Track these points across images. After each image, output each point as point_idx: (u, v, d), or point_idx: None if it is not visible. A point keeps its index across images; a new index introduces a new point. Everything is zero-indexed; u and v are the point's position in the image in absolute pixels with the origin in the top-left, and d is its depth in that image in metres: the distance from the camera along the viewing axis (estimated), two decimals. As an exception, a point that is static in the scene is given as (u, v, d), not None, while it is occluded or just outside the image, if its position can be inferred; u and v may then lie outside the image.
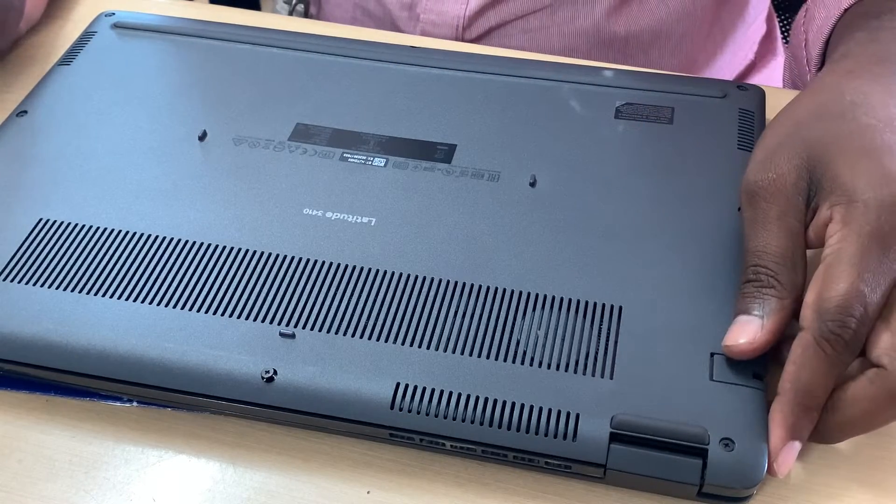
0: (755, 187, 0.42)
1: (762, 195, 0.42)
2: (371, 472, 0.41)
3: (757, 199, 0.42)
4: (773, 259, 0.41)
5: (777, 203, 0.41)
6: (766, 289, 0.40)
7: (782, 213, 0.41)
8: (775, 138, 0.43)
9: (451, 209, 0.48)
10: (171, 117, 0.53)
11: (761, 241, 0.41)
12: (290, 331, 0.42)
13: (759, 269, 0.41)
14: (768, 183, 0.42)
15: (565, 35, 0.69)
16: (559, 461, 0.39)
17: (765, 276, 0.41)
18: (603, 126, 0.52)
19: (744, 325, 0.40)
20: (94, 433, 0.43)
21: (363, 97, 0.54)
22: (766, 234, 0.41)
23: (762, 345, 0.40)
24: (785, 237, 0.41)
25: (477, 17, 0.69)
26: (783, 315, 0.40)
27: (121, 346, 0.42)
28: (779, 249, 0.41)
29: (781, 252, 0.41)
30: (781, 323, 0.40)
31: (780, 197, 0.41)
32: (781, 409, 0.39)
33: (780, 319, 0.40)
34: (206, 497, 0.40)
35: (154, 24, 0.60)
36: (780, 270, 0.40)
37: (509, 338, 0.42)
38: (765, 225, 0.41)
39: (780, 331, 0.40)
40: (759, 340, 0.40)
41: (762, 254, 0.41)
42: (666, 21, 0.69)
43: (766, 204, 0.42)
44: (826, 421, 0.39)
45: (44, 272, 0.45)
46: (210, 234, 0.47)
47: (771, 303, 0.40)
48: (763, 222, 0.41)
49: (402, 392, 0.40)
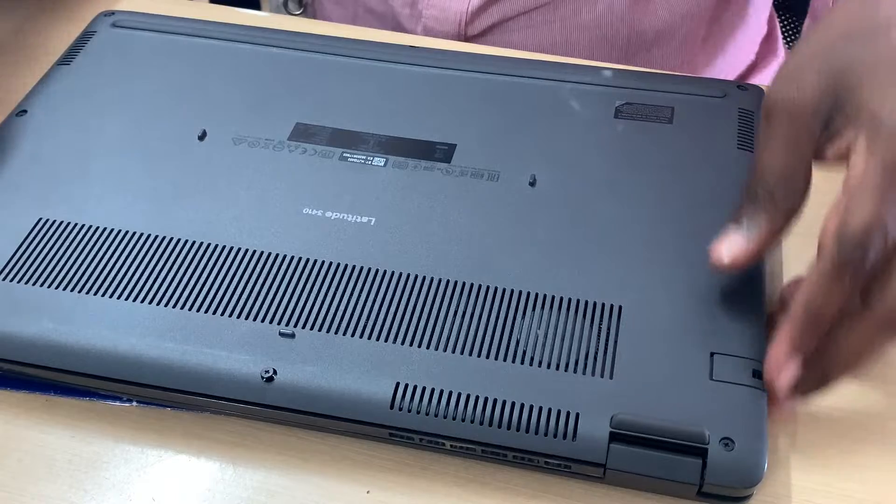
0: (774, 104, 0.42)
1: (779, 114, 0.41)
2: (371, 471, 0.41)
3: (773, 117, 0.42)
4: (773, 179, 0.41)
5: (792, 125, 0.41)
6: (761, 207, 0.41)
7: (795, 136, 0.41)
8: (803, 56, 0.42)
9: (450, 209, 0.48)
10: (171, 117, 0.53)
11: (767, 160, 0.41)
12: (289, 330, 0.42)
13: (758, 186, 0.41)
14: (788, 103, 0.41)
15: (568, 31, 0.69)
16: (559, 461, 0.39)
17: (762, 193, 0.41)
18: (603, 126, 0.52)
19: (730, 239, 0.42)
20: (94, 433, 0.43)
21: (363, 97, 0.54)
22: (774, 153, 0.41)
23: (743, 260, 0.42)
24: (792, 160, 0.41)
25: (479, 12, 0.69)
26: (771, 235, 0.41)
27: (121, 345, 0.42)
28: (782, 171, 0.41)
29: (784, 174, 0.41)
30: (766, 242, 0.41)
31: (797, 120, 0.41)
32: (789, 326, 0.39)
33: (767, 238, 0.41)
34: (205, 497, 0.40)
35: (154, 24, 0.60)
36: (778, 191, 0.41)
37: (509, 337, 0.42)
38: (775, 144, 0.41)
39: (763, 249, 0.42)
40: (740, 256, 0.42)
41: (765, 172, 0.41)
42: (668, 20, 0.69)
43: (780, 124, 0.41)
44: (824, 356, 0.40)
45: (43, 272, 0.45)
46: (210, 234, 0.47)
47: (761, 221, 0.41)
48: (774, 141, 0.41)
49: (401, 392, 0.40)
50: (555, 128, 0.52)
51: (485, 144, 0.51)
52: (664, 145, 0.51)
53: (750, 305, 0.43)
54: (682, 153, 0.50)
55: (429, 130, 0.52)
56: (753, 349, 0.41)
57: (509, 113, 0.53)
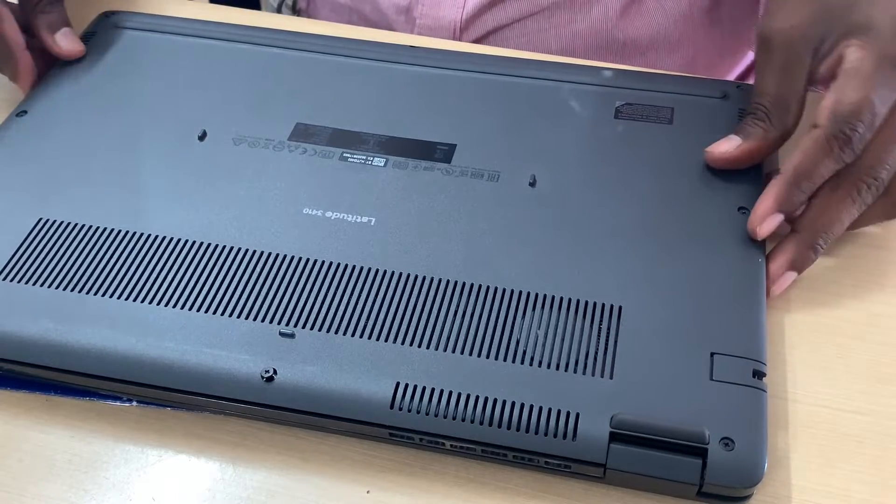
0: (768, 36, 0.47)
1: (774, 44, 0.47)
2: (371, 471, 0.41)
3: (768, 46, 0.47)
4: (769, 100, 0.47)
5: (785, 54, 0.47)
6: (757, 121, 0.48)
7: (788, 63, 0.47)
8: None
9: (450, 209, 0.48)
10: (171, 117, 0.53)
11: (764, 86, 0.48)
12: (289, 330, 0.42)
13: (758, 105, 0.48)
14: (780, 33, 0.47)
15: (562, 38, 0.69)
16: (559, 461, 0.39)
17: (760, 111, 0.48)
18: (603, 126, 0.52)
19: (726, 141, 0.49)
20: (94, 433, 0.43)
21: (363, 97, 0.54)
22: (770, 79, 0.47)
23: (734, 157, 0.48)
24: (785, 84, 0.47)
25: (473, 20, 0.69)
26: (764, 144, 0.48)
27: (120, 345, 0.42)
28: (777, 93, 0.47)
29: (778, 96, 0.47)
30: (759, 148, 0.48)
31: (790, 49, 0.47)
32: (777, 183, 0.45)
33: (759, 145, 0.48)
34: (205, 497, 0.40)
35: (154, 25, 0.60)
36: (774, 111, 0.47)
37: (509, 337, 0.42)
38: (771, 71, 0.47)
39: (755, 154, 0.48)
40: (732, 153, 0.48)
41: (763, 94, 0.48)
42: (664, 24, 0.69)
43: (775, 53, 0.47)
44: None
45: (44, 272, 0.45)
46: (210, 234, 0.47)
47: (757, 131, 0.48)
48: (770, 68, 0.47)
49: (401, 391, 0.40)
50: (555, 128, 0.52)
51: (485, 144, 0.51)
52: (664, 146, 0.51)
53: (750, 305, 0.43)
54: (682, 153, 0.50)
55: (429, 130, 0.52)
56: (753, 349, 0.41)
57: (509, 113, 0.53)
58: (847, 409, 0.43)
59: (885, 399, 0.43)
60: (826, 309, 0.47)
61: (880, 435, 0.42)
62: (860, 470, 0.41)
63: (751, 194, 0.48)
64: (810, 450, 0.41)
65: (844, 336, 0.46)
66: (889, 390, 0.43)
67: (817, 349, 0.45)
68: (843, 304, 0.47)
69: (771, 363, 0.44)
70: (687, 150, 0.50)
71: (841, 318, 0.46)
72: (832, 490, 0.40)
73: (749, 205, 0.47)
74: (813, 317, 0.46)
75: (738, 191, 0.48)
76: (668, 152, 0.51)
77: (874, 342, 0.45)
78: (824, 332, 0.46)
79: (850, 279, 0.48)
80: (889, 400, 0.43)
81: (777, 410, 0.43)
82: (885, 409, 0.43)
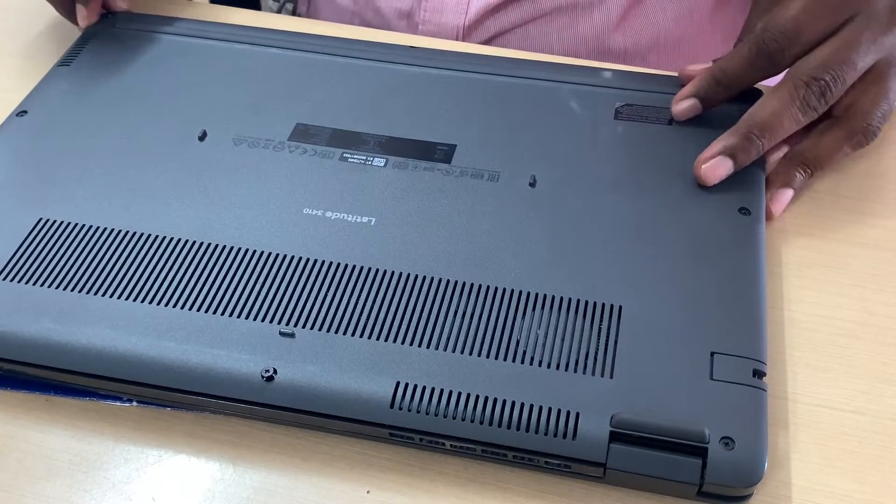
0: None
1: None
2: (371, 471, 0.41)
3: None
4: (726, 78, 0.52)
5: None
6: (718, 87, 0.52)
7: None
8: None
9: (451, 209, 0.48)
10: (171, 117, 0.53)
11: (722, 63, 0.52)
12: (289, 330, 0.42)
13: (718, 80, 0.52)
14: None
15: (564, 42, 0.69)
16: (559, 460, 0.39)
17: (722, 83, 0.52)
18: (602, 127, 0.52)
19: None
20: (94, 433, 0.43)
21: (363, 97, 0.55)
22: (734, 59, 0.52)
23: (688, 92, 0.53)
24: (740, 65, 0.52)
25: (476, 26, 0.69)
26: (714, 94, 0.52)
27: (121, 345, 0.42)
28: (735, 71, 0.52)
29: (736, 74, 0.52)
30: (702, 92, 0.52)
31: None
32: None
33: (706, 90, 0.52)
34: (205, 496, 0.40)
35: (154, 25, 0.60)
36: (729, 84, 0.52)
37: (509, 337, 0.42)
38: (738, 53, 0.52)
39: (699, 95, 0.52)
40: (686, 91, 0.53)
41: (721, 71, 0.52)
42: (664, 27, 0.70)
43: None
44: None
45: (44, 272, 0.45)
46: (210, 234, 0.47)
47: (712, 87, 0.52)
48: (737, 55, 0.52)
49: (401, 391, 0.40)
50: (555, 128, 0.52)
51: (485, 145, 0.51)
52: (664, 146, 0.51)
53: (750, 305, 0.43)
54: (681, 154, 0.50)
55: (429, 131, 0.52)
56: (753, 349, 0.42)
57: (509, 113, 0.53)
58: (847, 409, 0.43)
59: (885, 399, 0.43)
60: (826, 309, 0.47)
61: (880, 435, 0.42)
62: (860, 470, 0.41)
63: (751, 195, 0.48)
64: (810, 450, 0.41)
65: (844, 336, 0.46)
66: (889, 390, 0.43)
67: (817, 349, 0.45)
68: (843, 304, 0.47)
69: (771, 363, 0.44)
70: (686, 151, 0.51)
71: (841, 318, 0.46)
72: (832, 490, 0.40)
73: (749, 205, 0.47)
74: (813, 317, 0.46)
75: (739, 191, 0.48)
76: (668, 153, 0.51)
77: (874, 342, 0.45)
78: (824, 332, 0.46)
79: (850, 279, 0.48)
80: (889, 400, 0.43)
81: (777, 410, 0.43)
82: (885, 409, 0.43)
